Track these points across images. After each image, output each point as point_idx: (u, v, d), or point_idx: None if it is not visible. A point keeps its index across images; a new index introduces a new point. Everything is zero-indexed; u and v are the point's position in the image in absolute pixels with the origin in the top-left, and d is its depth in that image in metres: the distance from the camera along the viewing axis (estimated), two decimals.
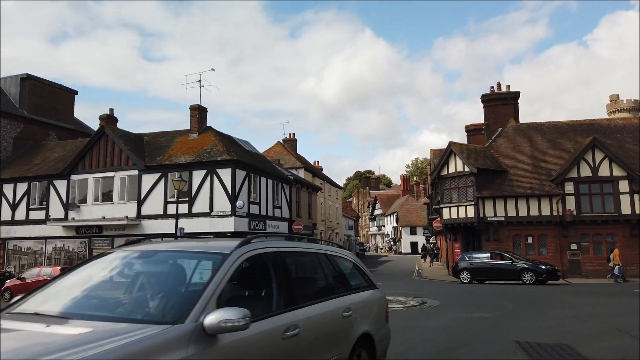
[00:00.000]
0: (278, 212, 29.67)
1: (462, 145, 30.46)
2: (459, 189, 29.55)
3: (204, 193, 24.37)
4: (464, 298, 16.26)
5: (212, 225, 23.95)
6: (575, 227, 27.32)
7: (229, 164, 24.09)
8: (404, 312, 12.80)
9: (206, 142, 26.03)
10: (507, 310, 12.91)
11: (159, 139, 28.04)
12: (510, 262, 23.98)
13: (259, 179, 27.11)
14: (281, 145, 44.68)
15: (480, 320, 11.16)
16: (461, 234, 30.77)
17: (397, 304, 14.11)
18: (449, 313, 12.50)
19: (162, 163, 25.22)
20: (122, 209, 25.53)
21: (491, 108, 34.61)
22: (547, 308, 13.39)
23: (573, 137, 30.75)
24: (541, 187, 27.96)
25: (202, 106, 27.53)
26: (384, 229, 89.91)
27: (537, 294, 17.39)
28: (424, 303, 14.59)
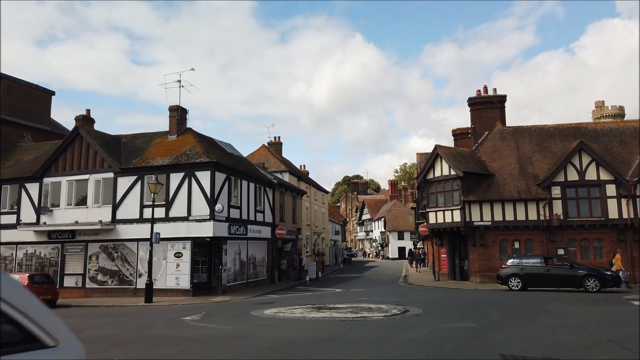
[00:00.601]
0: (260, 217, 28.86)
1: (448, 148, 29.94)
2: (445, 192, 28.98)
3: (182, 196, 23.50)
4: (448, 306, 15.60)
5: (189, 230, 23.09)
6: (563, 232, 26.86)
7: (208, 166, 23.27)
8: (384, 321, 12.09)
9: (185, 144, 25.19)
10: (492, 320, 12.26)
11: (136, 141, 27.13)
12: (570, 267, 21.71)
13: (240, 182, 26.31)
14: (266, 149, 43.90)
15: (464, 331, 10.49)
16: (447, 239, 30.19)
17: (378, 313, 13.41)
18: (431, 323, 11.81)
19: (138, 165, 24.31)
20: (96, 213, 24.56)
21: (478, 111, 34.16)
22: (534, 317, 12.77)
23: (560, 140, 30.37)
24: (528, 191, 27.49)
25: (182, 107, 26.68)
26: (371, 234, 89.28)
27: (521, 302, 16.79)
28: (406, 311, 13.90)
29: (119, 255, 24.33)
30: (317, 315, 13.14)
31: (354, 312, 13.66)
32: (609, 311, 13.88)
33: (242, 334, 10.52)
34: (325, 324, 11.62)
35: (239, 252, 25.97)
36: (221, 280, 23.77)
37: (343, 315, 12.98)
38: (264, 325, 11.77)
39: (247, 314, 14.08)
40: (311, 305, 16.03)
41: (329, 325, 11.52)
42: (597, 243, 26.64)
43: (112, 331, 11.54)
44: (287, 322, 12.16)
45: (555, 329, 10.77)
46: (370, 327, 11.04)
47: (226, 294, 23.45)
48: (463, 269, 29.44)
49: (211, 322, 12.56)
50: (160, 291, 23.05)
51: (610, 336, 9.87)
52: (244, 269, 26.56)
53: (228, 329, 11.27)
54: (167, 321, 13.19)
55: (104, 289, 24.18)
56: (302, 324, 11.84)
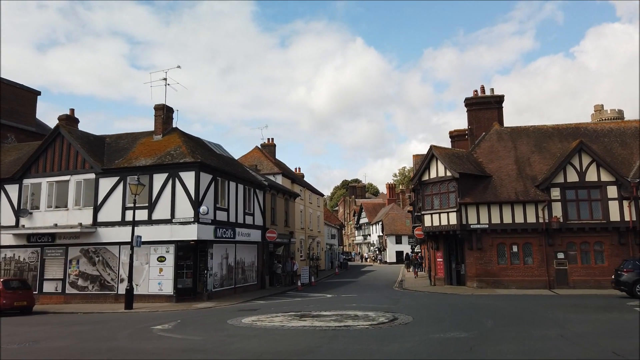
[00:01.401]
0: (250, 219, 27.90)
1: (444, 149, 29.02)
2: (440, 195, 28.06)
3: (165, 198, 22.55)
4: (440, 313, 14.63)
5: (173, 233, 22.12)
6: (562, 235, 25.92)
7: (192, 166, 22.33)
8: (368, 331, 11.12)
9: (170, 144, 24.27)
10: (485, 329, 11.30)
11: (121, 141, 26.20)
12: None
13: (228, 184, 25.36)
14: (259, 151, 42.97)
15: (454, 343, 9.54)
16: (443, 242, 29.24)
17: (363, 321, 12.44)
18: (419, 332, 10.85)
19: (120, 166, 23.37)
20: (77, 216, 23.61)
21: (475, 112, 33.32)
22: (531, 326, 11.81)
23: (559, 141, 29.48)
24: (526, 193, 26.56)
25: (168, 106, 25.75)
26: (369, 238, 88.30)
27: (517, 309, 15.83)
28: (395, 319, 12.93)
29: (100, 259, 23.36)
30: (297, 324, 12.18)
31: (338, 320, 12.70)
32: (612, 319, 12.93)
33: (207, 346, 9.55)
34: (303, 335, 10.67)
35: (226, 256, 24.99)
36: (206, 285, 22.80)
37: (325, 324, 12.03)
38: (236, 336, 10.81)
39: (224, 322, 13.10)
40: (294, 312, 15.06)
41: (307, 335, 10.56)
42: (597, 247, 25.68)
43: (70, 342, 10.58)
44: (263, 333, 11.20)
45: (555, 340, 9.82)
46: (352, 338, 10.08)
47: (212, 300, 22.48)
48: (460, 274, 28.48)
49: (181, 333, 11.59)
50: (142, 297, 22.09)
51: (615, 349, 8.93)
52: (232, 274, 25.57)
53: (195, 341, 10.31)
54: (134, 331, 12.22)
55: (85, 294, 23.19)
56: (277, 334, 10.88)
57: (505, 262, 26.54)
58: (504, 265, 26.50)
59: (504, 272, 26.40)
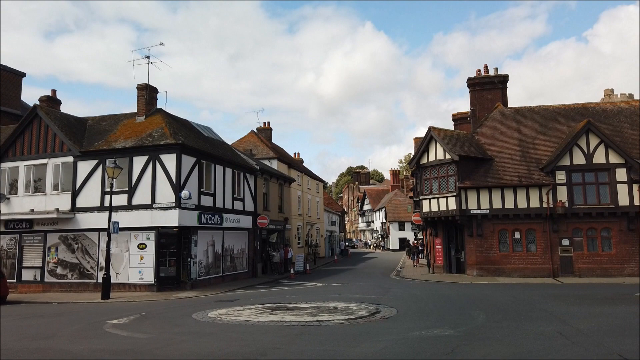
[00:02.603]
0: (239, 205, 26.69)
1: (443, 130, 27.54)
2: (439, 178, 26.67)
3: (146, 182, 21.36)
4: (429, 305, 13.37)
5: (153, 219, 20.97)
6: (567, 221, 24.50)
7: (173, 148, 21.09)
8: (342, 328, 9.89)
9: (153, 126, 23.00)
10: (475, 325, 10.03)
11: (103, 123, 24.99)
12: None
13: (214, 168, 24.11)
14: (254, 135, 41.63)
15: (434, 342, 8.29)
16: (442, 229, 27.92)
17: (340, 315, 11.21)
18: (399, 329, 9.62)
19: (99, 148, 22.18)
20: (55, 201, 22.50)
21: (478, 93, 31.68)
22: (528, 320, 10.53)
23: (565, 122, 27.91)
24: (530, 176, 25.11)
25: (151, 86, 24.44)
26: (373, 224, 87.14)
27: (516, 300, 14.53)
28: (377, 312, 11.70)
29: (79, 246, 22.29)
30: (265, 319, 10.98)
31: (312, 314, 11.48)
32: (618, 313, 11.61)
33: (147, 347, 8.36)
34: (266, 332, 9.47)
35: (213, 244, 23.85)
36: (190, 274, 21.68)
37: (296, 319, 10.81)
38: (190, 333, 9.63)
39: (188, 316, 11.92)
40: (271, 304, 13.87)
41: (269, 333, 9.36)
42: (605, 233, 24.25)
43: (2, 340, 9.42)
44: (221, 330, 10.01)
45: (553, 339, 8.54)
46: (319, 337, 8.87)
47: (195, 289, 21.38)
48: (459, 261, 27.20)
49: (132, 329, 10.40)
50: (122, 286, 21.04)
51: (622, 349, 7.65)
52: (219, 262, 24.43)
53: (139, 340, 9.13)
54: (85, 326, 11.07)
55: (64, 283, 22.18)
56: (237, 331, 9.68)
57: (507, 249, 25.21)
58: (506, 253, 25.18)
59: (505, 260, 25.08)
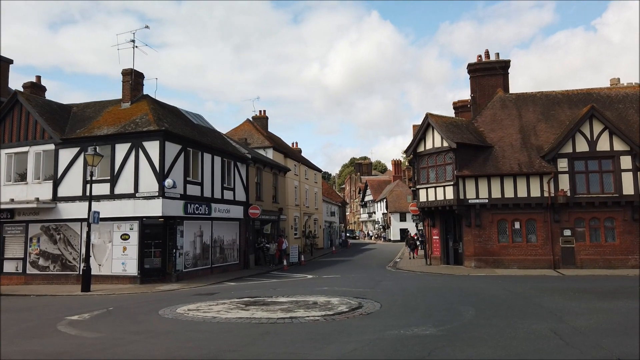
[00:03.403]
0: (230, 195, 25.85)
1: (441, 117, 26.52)
2: (436, 167, 25.71)
3: (128, 170, 20.53)
4: (417, 299, 12.50)
5: (136, 208, 20.16)
6: (569, 211, 23.54)
7: (157, 135, 20.22)
8: (315, 325, 9.05)
9: (137, 112, 22.13)
10: (462, 322, 9.16)
11: (87, 110, 24.14)
12: None
13: (202, 156, 23.24)
14: (250, 124, 40.69)
15: (412, 343, 7.43)
16: (440, 219, 27.00)
17: (317, 311, 10.37)
18: (376, 327, 8.76)
19: (81, 135, 21.35)
20: (36, 190, 21.73)
21: (478, 79, 30.61)
22: (520, 317, 9.65)
23: (568, 108, 26.83)
24: (530, 164, 24.12)
25: (137, 71, 23.52)
26: (374, 215, 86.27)
27: (510, 294, 13.65)
28: (358, 308, 10.85)
29: (61, 237, 21.54)
30: (234, 316, 10.14)
31: (288, 310, 10.63)
32: (620, 309, 10.70)
33: (89, 349, 7.47)
34: (229, 331, 8.64)
35: (201, 234, 23.05)
36: (175, 266, 20.90)
37: (268, 316, 9.97)
38: (146, 332, 8.83)
39: (155, 312, 11.10)
40: (248, 298, 13.05)
41: (232, 332, 8.54)
42: (608, 223, 23.28)
43: None
44: (183, 327, 9.20)
45: (546, 339, 7.67)
46: (286, 336, 8.04)
47: (181, 281, 20.62)
48: (457, 252, 26.32)
49: (86, 327, 9.55)
50: (105, 278, 20.31)
51: (622, 351, 6.79)
52: (208, 253, 23.65)
53: (86, 340, 8.27)
54: (39, 323, 10.29)
55: (46, 275, 21.47)
56: (198, 330, 8.86)
57: (506, 240, 24.30)
58: (505, 244, 24.27)
59: (504, 251, 24.18)
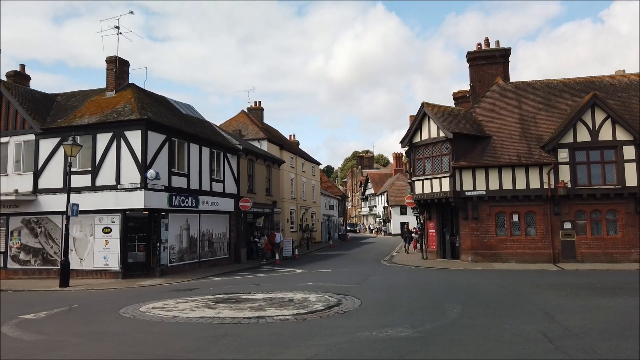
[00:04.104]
0: (219, 187, 25.09)
1: (437, 107, 25.62)
2: (432, 158, 24.87)
3: (110, 161, 19.78)
4: (402, 296, 11.71)
5: (118, 201, 19.43)
6: (570, 203, 22.67)
7: (138, 124, 19.44)
8: (281, 326, 8.27)
9: (121, 101, 21.35)
10: (445, 322, 8.37)
11: (71, 99, 23.39)
12: None
13: (188, 146, 22.46)
14: (245, 115, 39.87)
15: (382, 346, 6.64)
16: (436, 212, 26.16)
17: (290, 310, 9.59)
18: (349, 327, 7.98)
19: (62, 125, 20.60)
20: (17, 182, 21.03)
21: (478, 68, 29.64)
22: (509, 316, 8.85)
23: (570, 97, 25.89)
24: (529, 155, 23.23)
25: (121, 58, 22.73)
26: (375, 209, 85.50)
27: (503, 290, 12.84)
28: (336, 305, 10.07)
29: (42, 230, 20.85)
30: (198, 315, 9.36)
31: (259, 308, 9.86)
32: (619, 306, 9.87)
33: (18, 354, 6.80)
34: (184, 333, 7.89)
35: (187, 228, 22.31)
36: (159, 260, 20.18)
37: (234, 315, 9.20)
38: (94, 334, 8.08)
39: (115, 311, 10.34)
40: (225, 294, 12.30)
41: (187, 334, 7.78)
42: (610, 215, 22.40)
43: None
44: (136, 329, 8.44)
45: (533, 342, 6.86)
46: (243, 339, 7.29)
47: (165, 276, 19.91)
48: (454, 246, 25.48)
49: (34, 328, 8.73)
50: (87, 273, 19.64)
51: (618, 356, 5.96)
52: (195, 247, 22.92)
53: (22, 343, 7.44)
54: None
55: (27, 269, 20.81)
56: (151, 332, 8.12)
57: (504, 233, 23.48)
58: (503, 237, 23.45)
59: (502, 245, 23.37)
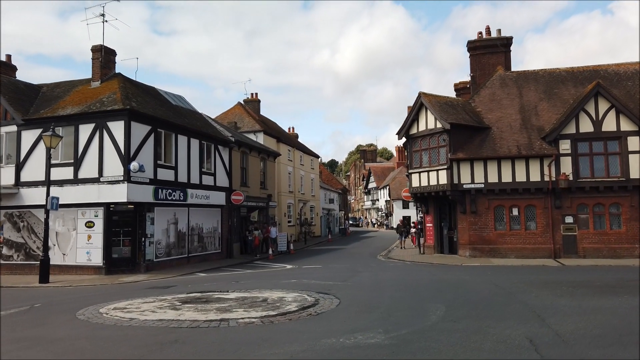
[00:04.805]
0: (209, 180, 24.39)
1: (435, 97, 24.77)
2: (430, 150, 24.05)
3: (92, 153, 19.13)
4: (386, 294, 10.98)
5: (101, 194, 18.78)
6: (572, 196, 21.82)
7: (121, 114, 18.75)
8: (242, 330, 7.57)
9: (106, 91, 20.66)
10: (423, 325, 7.63)
11: (57, 90, 22.74)
12: None
13: (175, 138, 21.76)
14: (241, 107, 39.10)
15: (343, 357, 5.91)
16: (434, 205, 25.36)
17: (259, 311, 8.88)
18: (314, 334, 7.27)
19: (44, 116, 19.95)
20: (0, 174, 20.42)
21: (478, 57, 28.72)
22: (496, 319, 8.09)
23: (572, 86, 24.95)
24: (530, 146, 22.37)
25: (107, 47, 22.02)
26: (377, 203, 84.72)
27: (498, 289, 12.06)
28: (312, 306, 9.35)
29: (25, 225, 20.26)
30: (157, 317, 8.66)
31: (226, 310, 9.16)
32: (618, 307, 9.08)
33: None
34: (130, 339, 7.20)
35: (175, 222, 21.65)
36: (145, 255, 19.54)
37: (196, 317, 8.51)
38: (33, 340, 7.40)
39: (73, 312, 9.67)
40: (198, 293, 11.62)
41: (133, 341, 7.10)
42: (614, 209, 21.53)
43: None
44: (83, 333, 7.75)
45: (518, 352, 6.12)
46: (192, 347, 6.61)
47: (151, 272, 19.28)
48: (453, 241, 24.70)
49: None
50: (69, 268, 19.07)
51: None
52: (184, 242, 22.27)
53: None
54: None
55: (10, 264, 20.24)
56: (98, 337, 7.43)
57: (503, 227, 22.67)
58: (502, 231, 22.65)
59: (501, 240, 22.57)
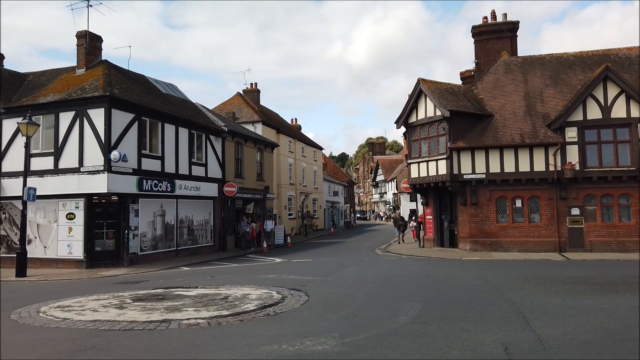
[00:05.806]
0: (200, 171, 23.59)
1: (434, 83, 23.65)
2: (429, 139, 22.99)
3: (73, 142, 18.38)
4: (362, 291, 10.05)
5: (81, 184, 18.05)
6: (578, 187, 20.64)
7: (101, 101, 17.96)
8: (181, 334, 6.70)
9: (90, 78, 19.90)
10: (389, 327, 6.70)
11: (42, 78, 22.05)
12: None
13: (162, 127, 20.94)
14: (240, 97, 38.24)
15: None
16: (433, 197, 24.32)
17: (210, 311, 8.02)
18: (258, 339, 6.38)
19: (24, 104, 19.24)
20: None
21: (483, 43, 27.51)
22: (474, 320, 7.13)
23: (581, 71, 23.67)
24: (534, 134, 21.22)
25: (92, 33, 21.27)
26: (385, 195, 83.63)
27: (484, 284, 11.07)
28: (275, 304, 8.46)
29: (6, 216, 19.64)
30: (94, 317, 7.81)
31: (175, 309, 8.30)
32: (616, 308, 8.05)
33: None
34: (44, 346, 6.31)
35: (162, 214, 20.89)
36: (128, 248, 18.81)
37: (137, 318, 7.66)
38: None
39: (8, 311, 8.84)
40: (158, 289, 10.80)
41: (46, 347, 6.23)
42: (623, 200, 20.32)
43: None
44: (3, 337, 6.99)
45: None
46: (111, 354, 5.77)
47: (134, 266, 18.55)
48: (453, 234, 23.66)
49: None
50: (50, 261, 18.43)
51: None
52: (172, 234, 21.52)
53: None
54: None
55: None
56: (13, 342, 6.57)
57: (506, 219, 21.60)
58: (505, 224, 21.57)
59: (504, 232, 21.50)
